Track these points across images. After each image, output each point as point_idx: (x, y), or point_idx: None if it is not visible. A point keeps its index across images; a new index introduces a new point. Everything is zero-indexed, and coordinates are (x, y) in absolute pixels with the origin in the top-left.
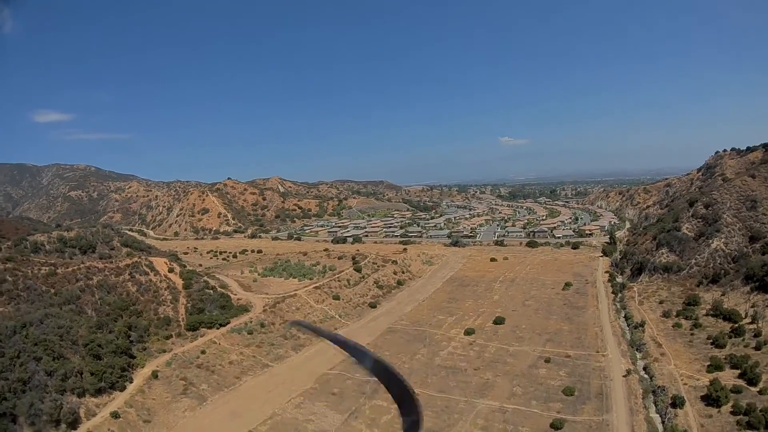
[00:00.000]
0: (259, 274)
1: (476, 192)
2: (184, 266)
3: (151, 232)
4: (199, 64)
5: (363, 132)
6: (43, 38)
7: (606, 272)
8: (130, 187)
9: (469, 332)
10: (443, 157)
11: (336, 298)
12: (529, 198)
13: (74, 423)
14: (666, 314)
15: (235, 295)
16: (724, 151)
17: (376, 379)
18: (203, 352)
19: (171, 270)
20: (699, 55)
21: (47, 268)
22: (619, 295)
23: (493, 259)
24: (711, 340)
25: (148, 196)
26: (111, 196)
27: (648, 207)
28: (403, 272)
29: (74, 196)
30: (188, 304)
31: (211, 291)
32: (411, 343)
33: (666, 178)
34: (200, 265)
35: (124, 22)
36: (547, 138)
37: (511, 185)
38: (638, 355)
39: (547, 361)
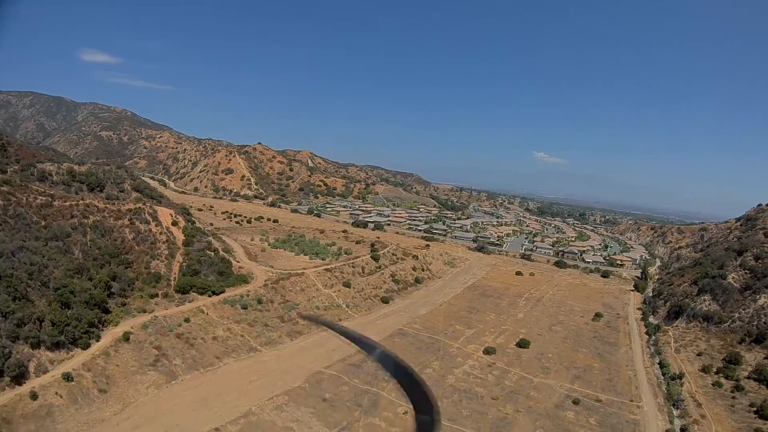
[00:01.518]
0: (269, 245)
1: (504, 201)
2: (193, 222)
3: (172, 184)
4: (253, 29)
5: (398, 123)
6: None
7: (638, 309)
8: (161, 136)
9: (489, 351)
10: (475, 162)
11: (347, 285)
12: (558, 217)
13: (19, 377)
14: (705, 369)
15: (238, 262)
16: (767, 205)
17: (394, 379)
18: (187, 320)
19: (174, 223)
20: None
21: (44, 198)
22: (653, 337)
23: (518, 273)
24: (755, 409)
25: (177, 148)
26: (141, 142)
27: (680, 247)
28: (422, 269)
29: (104, 136)
30: (184, 263)
31: (212, 253)
32: (422, 353)
33: (702, 222)
34: (211, 224)
35: None
36: (582, 161)
37: (540, 201)
38: (675, 413)
39: (576, 402)
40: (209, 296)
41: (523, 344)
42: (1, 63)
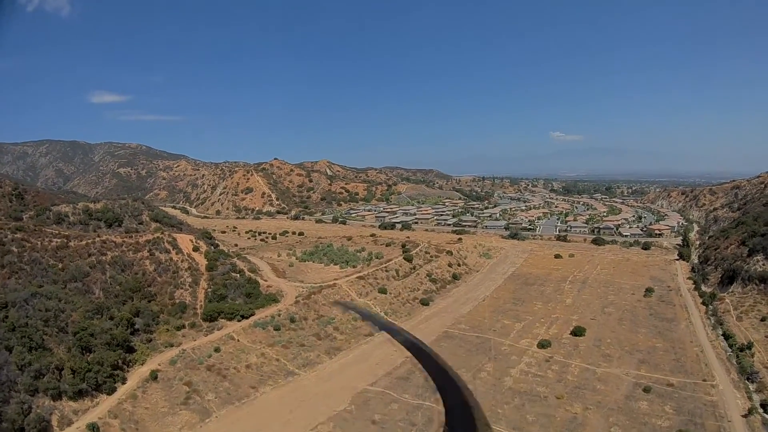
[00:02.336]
0: (297, 258)
1: (528, 185)
2: (216, 245)
3: (194, 210)
4: (255, 47)
5: (413, 122)
6: (101, 21)
7: (688, 278)
8: (178, 165)
9: (543, 345)
10: (493, 150)
11: (382, 291)
12: (584, 194)
13: None
14: None
15: (266, 281)
16: None
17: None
18: (217, 349)
19: (196, 249)
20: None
21: (59, 240)
22: (710, 306)
23: (557, 256)
24: None
25: (195, 174)
26: (159, 174)
27: (715, 209)
28: (458, 265)
29: (123, 173)
30: (209, 290)
31: (238, 275)
32: (473, 355)
33: (733, 180)
34: (236, 245)
35: (181, 4)
36: (600, 135)
37: (563, 180)
38: (751, 387)
39: (647, 390)
40: (238, 321)
41: (578, 332)
42: (15, 116)
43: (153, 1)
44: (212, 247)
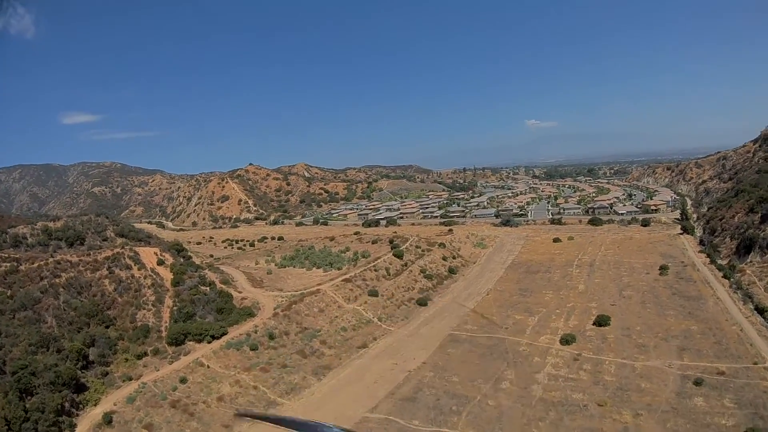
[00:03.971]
0: (276, 265)
1: (510, 173)
2: (188, 257)
3: (170, 224)
4: (225, 58)
5: (389, 121)
6: (69, 40)
7: (700, 252)
8: (153, 180)
9: (567, 340)
10: (470, 143)
11: (373, 294)
12: (567, 177)
13: None
14: None
15: (240, 293)
16: None
17: None
18: (183, 380)
19: (161, 262)
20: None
21: (8, 264)
22: (732, 279)
23: (556, 240)
24: None
25: (170, 188)
26: (134, 191)
27: (704, 181)
28: (453, 257)
29: (97, 192)
30: (174, 308)
31: (208, 288)
32: (488, 361)
33: (718, 152)
34: (211, 255)
35: (148, 20)
36: (575, 120)
37: (543, 167)
38: None
39: (698, 383)
40: (209, 342)
41: (602, 322)
42: None
43: (117, 18)
44: (181, 259)
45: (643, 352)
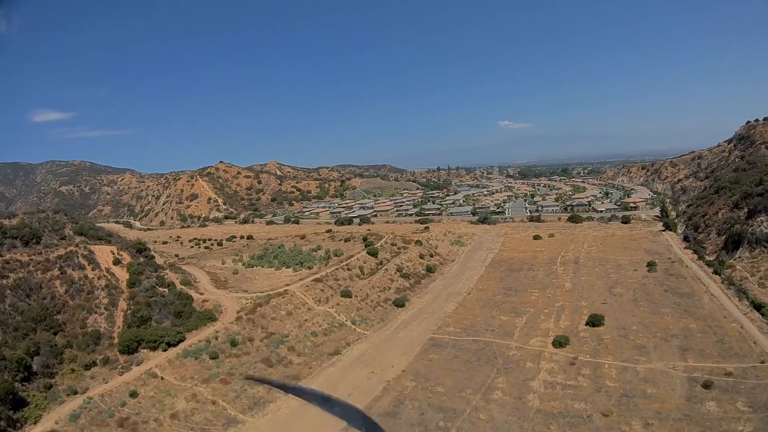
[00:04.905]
0: (243, 264)
1: (484, 173)
2: (150, 257)
3: (137, 223)
4: (198, 56)
5: (362, 121)
6: (41, 38)
7: (686, 249)
8: (122, 179)
9: (560, 343)
10: (443, 144)
11: (346, 294)
12: (542, 177)
13: None
14: None
15: (202, 294)
16: (756, 120)
17: None
18: (134, 394)
19: (117, 262)
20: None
21: None
22: (723, 275)
23: (536, 237)
24: None
25: (140, 187)
26: (103, 190)
27: (680, 180)
28: (431, 255)
29: (65, 191)
30: (128, 311)
31: (166, 290)
32: (475, 367)
33: (692, 152)
34: (176, 255)
35: (121, 18)
36: (548, 122)
37: (516, 167)
38: None
39: (707, 386)
40: (164, 350)
41: (595, 321)
42: None
43: (91, 17)
44: (141, 258)
45: (644, 354)
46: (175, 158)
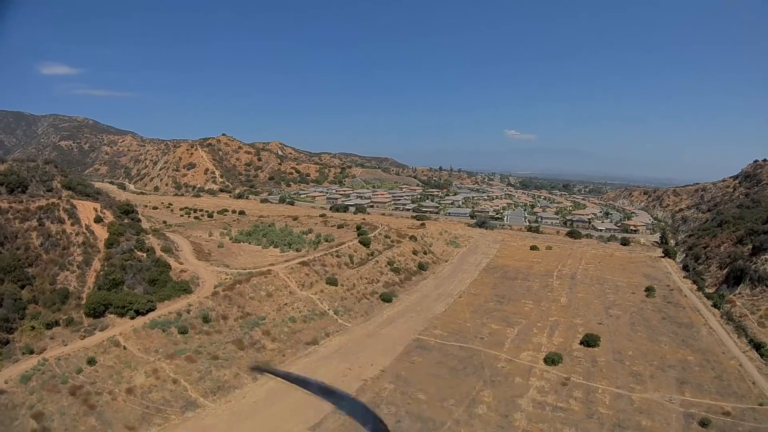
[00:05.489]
0: (231, 239)
1: (485, 178)
2: (137, 220)
3: (132, 186)
4: (212, 28)
5: (369, 113)
6: None
7: (685, 278)
8: (123, 141)
9: (553, 360)
10: (446, 145)
11: (332, 282)
12: (543, 189)
13: None
14: None
15: (181, 264)
16: (764, 160)
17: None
18: (91, 361)
19: (99, 220)
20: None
21: None
22: (721, 309)
23: (533, 247)
24: None
25: (140, 151)
26: (102, 149)
27: (681, 210)
28: (425, 252)
29: (64, 146)
30: (102, 272)
31: (144, 254)
32: (460, 376)
33: (696, 183)
34: (164, 222)
35: None
36: (554, 136)
37: (518, 177)
38: None
39: (704, 424)
40: (132, 318)
41: (591, 342)
42: None
43: None
44: (126, 219)
45: (640, 382)
46: (178, 126)
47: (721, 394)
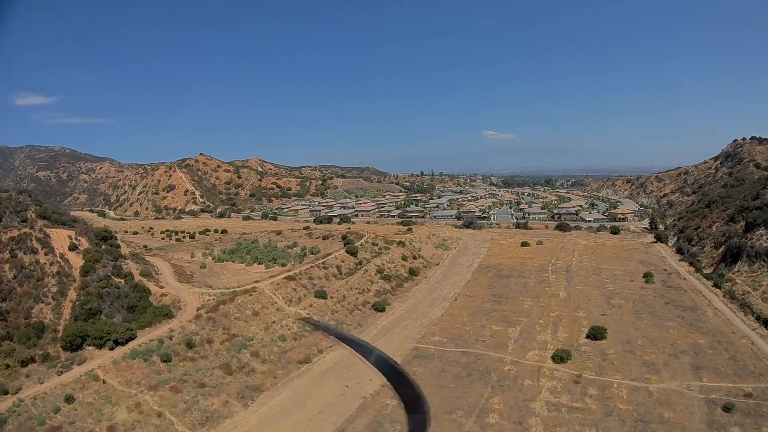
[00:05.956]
0: (213, 258)
1: (467, 180)
2: (116, 246)
3: (112, 213)
4: (185, 46)
5: (346, 122)
6: (28, 21)
7: (681, 261)
8: (101, 168)
9: (561, 357)
10: (425, 150)
11: (320, 295)
12: (525, 186)
13: None
14: None
15: (161, 288)
16: (743, 139)
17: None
18: (69, 399)
19: (73, 247)
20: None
21: None
22: (724, 288)
23: (524, 244)
24: None
25: (118, 176)
26: (80, 177)
27: (665, 194)
28: (414, 257)
29: (42, 176)
30: (77, 302)
31: (123, 281)
32: (466, 384)
33: (678, 168)
34: (145, 246)
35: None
36: (532, 134)
37: (500, 176)
38: None
39: (728, 409)
40: (111, 348)
41: (597, 334)
42: None
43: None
44: (103, 246)
45: (654, 372)
46: (156, 150)
47: (739, 376)
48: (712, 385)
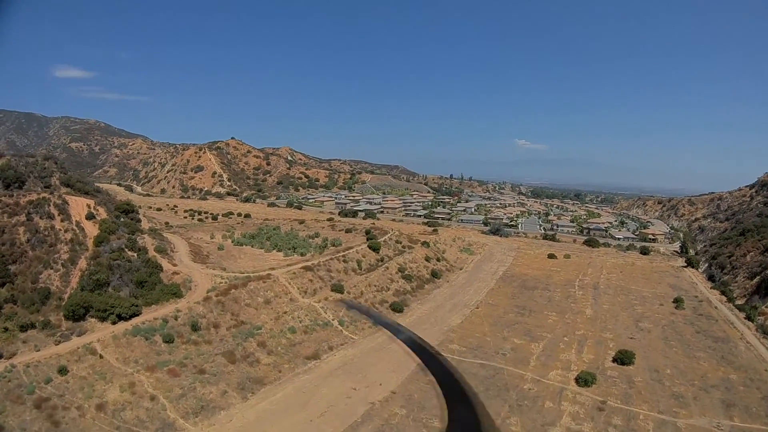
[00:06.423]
0: (233, 241)
1: (496, 187)
2: (136, 220)
3: (139, 188)
4: (224, 33)
5: (379, 120)
6: None
7: (712, 288)
8: (133, 143)
9: (586, 381)
10: (456, 154)
11: (337, 289)
12: (554, 198)
13: None
14: None
15: (174, 266)
16: None
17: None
18: (62, 370)
19: (91, 216)
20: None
21: None
22: (756, 322)
23: (551, 256)
24: None
25: (149, 154)
26: (112, 152)
27: (697, 219)
28: (438, 259)
29: (74, 147)
30: (87, 271)
31: (135, 254)
32: (482, 400)
33: (712, 193)
34: (166, 223)
35: None
36: (565, 146)
37: (529, 186)
38: None
39: None
40: (113, 323)
41: (625, 359)
42: None
43: None
44: (122, 218)
45: (683, 405)
46: (189, 130)
47: None
48: (744, 425)
